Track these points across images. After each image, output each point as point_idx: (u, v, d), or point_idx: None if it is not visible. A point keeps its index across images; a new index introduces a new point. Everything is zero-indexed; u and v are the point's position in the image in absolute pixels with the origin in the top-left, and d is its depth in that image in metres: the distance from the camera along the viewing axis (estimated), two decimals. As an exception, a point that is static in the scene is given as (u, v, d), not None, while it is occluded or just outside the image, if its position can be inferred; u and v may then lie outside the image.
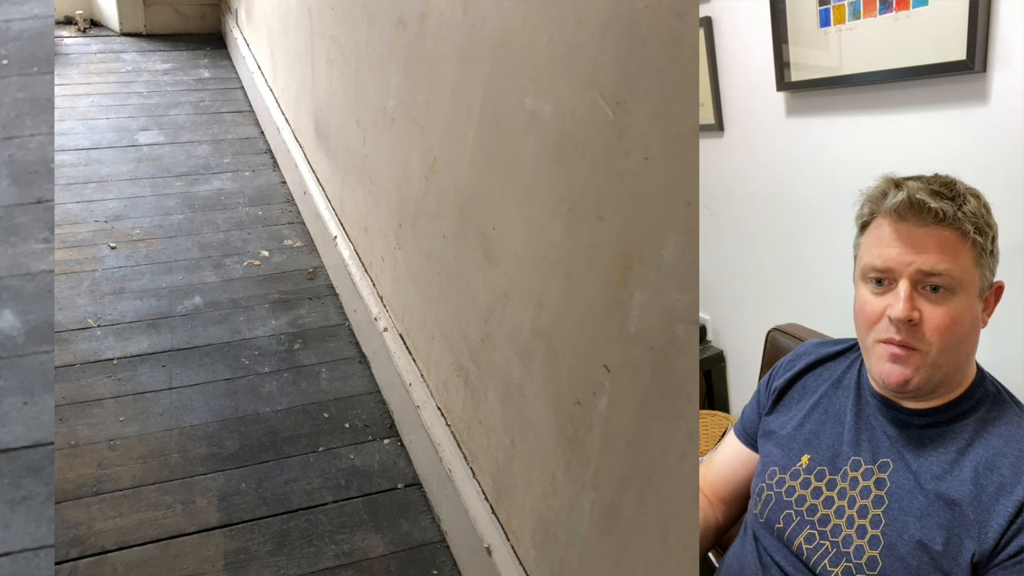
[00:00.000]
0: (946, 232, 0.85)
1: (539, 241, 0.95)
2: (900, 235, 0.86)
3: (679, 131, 0.70)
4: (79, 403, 1.53)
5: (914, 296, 0.85)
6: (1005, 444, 0.85)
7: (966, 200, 0.86)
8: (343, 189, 1.83)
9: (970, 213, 0.85)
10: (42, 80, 1.68)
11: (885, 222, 0.88)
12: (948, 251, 0.84)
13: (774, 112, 1.73)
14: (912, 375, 0.86)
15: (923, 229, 0.85)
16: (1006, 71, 1.22)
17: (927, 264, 0.84)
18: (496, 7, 1.00)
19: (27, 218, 1.44)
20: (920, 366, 0.86)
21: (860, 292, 0.92)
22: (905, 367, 0.86)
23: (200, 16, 3.30)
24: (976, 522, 0.81)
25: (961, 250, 0.85)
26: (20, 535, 1.08)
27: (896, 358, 0.86)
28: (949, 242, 0.84)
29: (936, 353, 0.85)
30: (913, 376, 0.86)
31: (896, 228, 0.87)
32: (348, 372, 1.68)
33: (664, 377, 0.75)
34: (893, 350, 0.86)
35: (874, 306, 0.88)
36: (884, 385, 0.89)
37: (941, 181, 0.88)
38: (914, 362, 0.86)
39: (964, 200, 0.86)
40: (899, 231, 0.86)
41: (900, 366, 0.86)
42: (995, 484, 0.82)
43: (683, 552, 0.75)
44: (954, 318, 0.85)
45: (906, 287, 0.85)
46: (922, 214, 0.85)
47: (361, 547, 1.30)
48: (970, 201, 0.86)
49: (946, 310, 0.84)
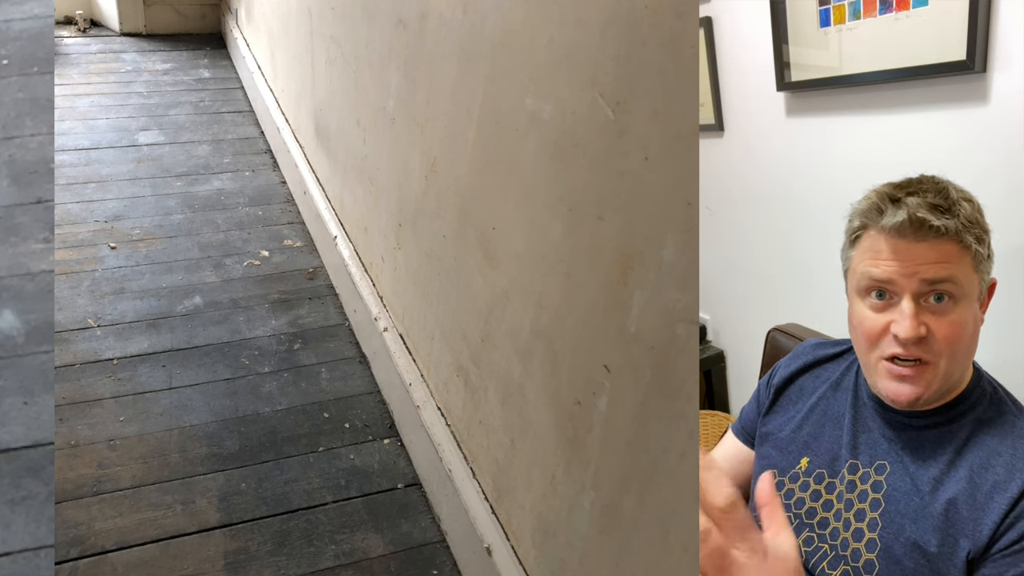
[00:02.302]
0: (945, 244, 0.83)
1: (539, 241, 0.95)
2: (898, 250, 0.84)
3: (679, 131, 0.70)
4: (79, 403, 1.53)
5: (919, 311, 0.83)
6: (1000, 443, 0.85)
7: (961, 207, 0.84)
8: (343, 189, 1.83)
9: (968, 223, 0.83)
10: (42, 80, 1.68)
11: (881, 237, 0.86)
12: (948, 260, 0.83)
13: (774, 112, 1.73)
14: (923, 391, 0.85)
15: (923, 243, 0.83)
16: (1006, 71, 1.22)
17: (930, 273, 0.82)
18: (496, 7, 1.00)
19: (27, 218, 1.44)
20: (931, 380, 0.84)
21: (858, 307, 0.89)
22: (915, 385, 0.84)
23: (200, 16, 3.29)
24: (971, 520, 0.81)
25: (960, 259, 0.84)
26: (20, 535, 1.08)
27: (904, 378, 0.85)
28: (949, 253, 0.83)
29: (946, 363, 0.84)
30: (924, 392, 0.85)
31: (894, 244, 0.85)
32: (348, 372, 1.68)
33: (664, 377, 0.75)
34: (900, 370, 0.85)
35: (875, 322, 0.86)
36: (893, 404, 0.88)
37: (935, 190, 0.86)
38: (925, 378, 0.84)
39: (960, 208, 0.84)
40: (897, 247, 0.84)
41: (909, 385, 0.85)
42: (990, 482, 0.82)
43: (683, 552, 0.75)
44: (960, 326, 0.84)
45: (910, 305, 0.83)
46: (923, 230, 0.83)
47: (361, 547, 1.30)
48: (964, 208, 0.84)
49: (951, 319, 0.83)
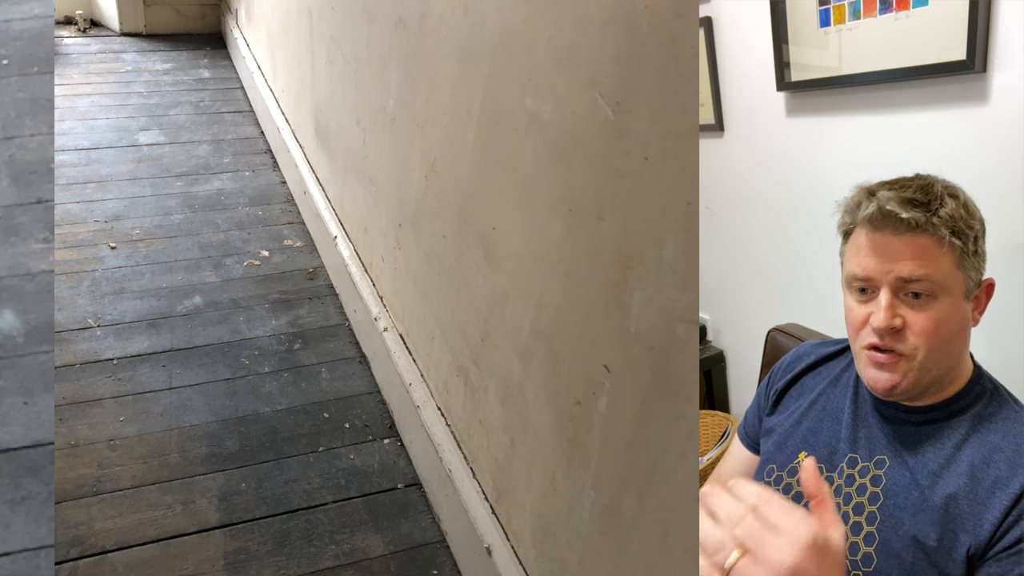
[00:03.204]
0: (922, 239, 0.84)
1: (539, 241, 0.95)
2: (876, 245, 0.86)
3: (679, 131, 0.70)
4: (79, 403, 1.53)
5: (895, 304, 0.85)
6: (1002, 439, 0.85)
7: (943, 203, 0.84)
8: (343, 189, 1.83)
9: (947, 217, 0.83)
10: (42, 80, 1.68)
11: (863, 232, 0.88)
12: (925, 257, 0.84)
13: (774, 112, 1.73)
14: (900, 380, 0.86)
15: (898, 237, 0.85)
16: (1006, 71, 1.22)
17: (904, 271, 0.84)
18: (496, 7, 1.00)
19: (27, 218, 1.44)
20: (907, 371, 0.86)
21: (846, 299, 0.92)
22: (892, 373, 0.86)
23: (200, 16, 3.30)
24: (971, 515, 0.81)
25: (939, 255, 0.84)
26: (20, 535, 1.08)
27: (881, 365, 0.87)
28: (926, 248, 0.84)
29: (923, 357, 0.85)
30: (901, 381, 0.86)
31: (872, 238, 0.87)
32: (348, 372, 1.68)
33: (664, 377, 0.75)
34: (877, 356, 0.87)
35: (858, 313, 0.89)
36: (873, 390, 0.90)
37: (917, 185, 0.87)
38: (901, 368, 0.86)
39: (941, 203, 0.84)
40: (875, 241, 0.86)
41: (887, 372, 0.87)
42: (991, 478, 0.82)
43: (683, 552, 0.75)
44: (938, 322, 0.84)
45: (887, 296, 0.85)
46: (895, 224, 0.84)
47: (361, 547, 1.30)
48: (947, 203, 0.84)
49: (929, 315, 0.84)
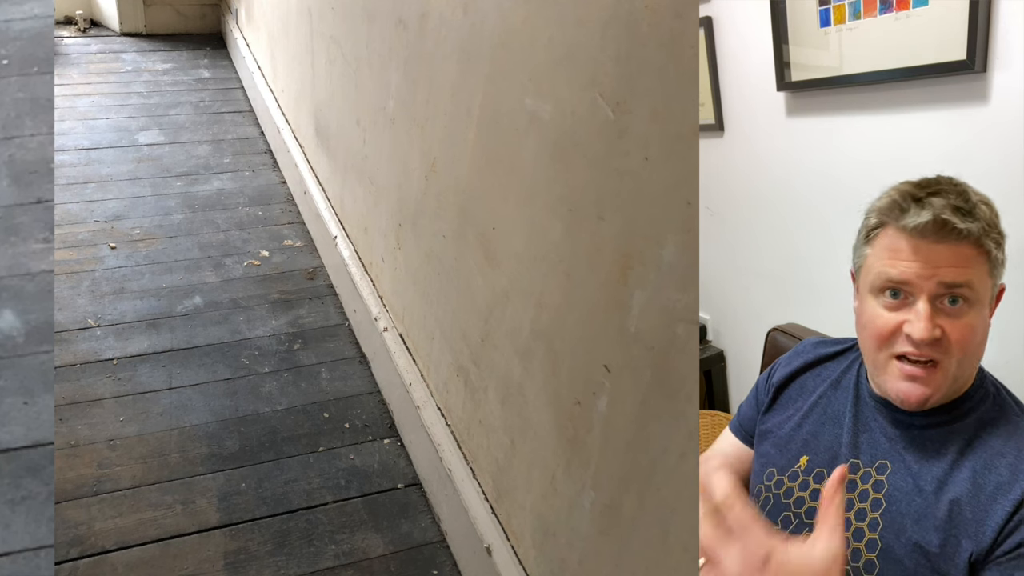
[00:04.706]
0: (963, 247, 0.83)
1: (539, 241, 0.95)
2: (919, 251, 0.84)
3: (679, 131, 0.70)
4: (79, 403, 1.53)
5: (933, 312, 0.83)
6: (1003, 444, 0.84)
7: (980, 211, 0.84)
8: (343, 189, 1.83)
9: (988, 227, 0.83)
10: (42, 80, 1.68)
11: (902, 236, 0.85)
12: (966, 264, 0.83)
13: (774, 112, 1.73)
14: (933, 392, 0.85)
15: (942, 245, 0.83)
16: (1006, 71, 1.22)
17: (948, 277, 0.82)
18: (496, 7, 1.00)
19: (27, 218, 1.44)
20: (941, 383, 0.84)
21: (869, 305, 0.89)
22: (926, 387, 0.84)
23: (200, 16, 3.29)
24: (973, 521, 0.81)
25: (977, 262, 0.83)
26: (20, 535, 1.08)
27: (915, 378, 0.85)
28: (966, 256, 0.83)
29: (956, 366, 0.84)
30: (934, 393, 0.85)
31: (915, 244, 0.84)
32: (348, 372, 1.68)
33: (664, 377, 0.75)
34: (912, 370, 0.85)
35: (887, 320, 0.86)
36: (902, 404, 0.87)
37: (957, 192, 0.85)
38: (935, 380, 0.84)
39: (979, 211, 0.84)
40: (917, 247, 0.84)
41: (920, 385, 0.85)
42: (993, 484, 0.82)
43: (683, 552, 0.75)
44: (973, 329, 0.84)
45: (926, 306, 0.83)
46: (944, 232, 0.82)
47: (361, 547, 1.30)
48: (983, 212, 0.84)
49: (965, 322, 0.83)
